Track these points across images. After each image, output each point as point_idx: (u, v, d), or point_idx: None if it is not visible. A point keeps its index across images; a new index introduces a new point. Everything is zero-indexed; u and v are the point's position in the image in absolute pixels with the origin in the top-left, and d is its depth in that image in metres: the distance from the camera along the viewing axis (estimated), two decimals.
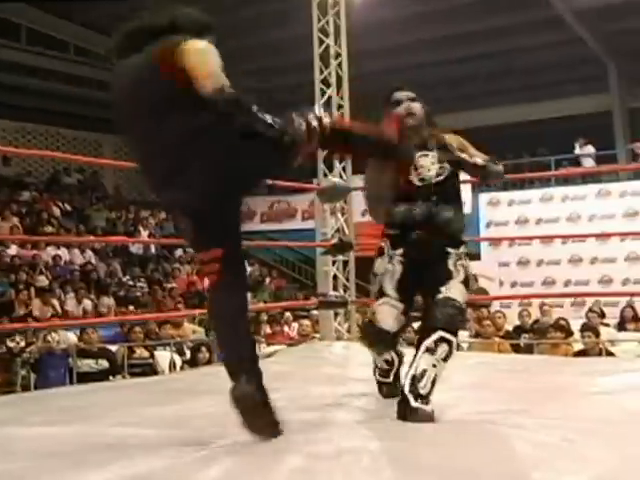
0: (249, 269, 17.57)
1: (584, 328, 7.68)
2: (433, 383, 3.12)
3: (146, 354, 8.30)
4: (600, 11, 15.88)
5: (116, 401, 3.96)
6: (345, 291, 6.35)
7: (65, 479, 2.30)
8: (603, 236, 14.74)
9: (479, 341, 8.17)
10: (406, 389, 3.10)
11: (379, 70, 18.19)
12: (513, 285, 15.74)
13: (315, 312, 8.47)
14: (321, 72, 6.71)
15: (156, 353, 8.43)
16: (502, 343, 7.91)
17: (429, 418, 3.03)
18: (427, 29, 16.47)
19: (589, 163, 17.01)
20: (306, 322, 9.40)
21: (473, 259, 15.94)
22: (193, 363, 8.07)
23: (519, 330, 9.20)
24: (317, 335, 7.79)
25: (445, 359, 3.16)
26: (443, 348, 3.15)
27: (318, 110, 2.71)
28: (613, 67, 17.99)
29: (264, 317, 11.12)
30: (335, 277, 6.51)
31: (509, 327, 9.17)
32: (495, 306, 11.59)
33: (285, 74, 17.78)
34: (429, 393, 3.10)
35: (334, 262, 6.53)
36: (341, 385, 4.11)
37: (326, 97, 6.63)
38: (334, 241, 6.14)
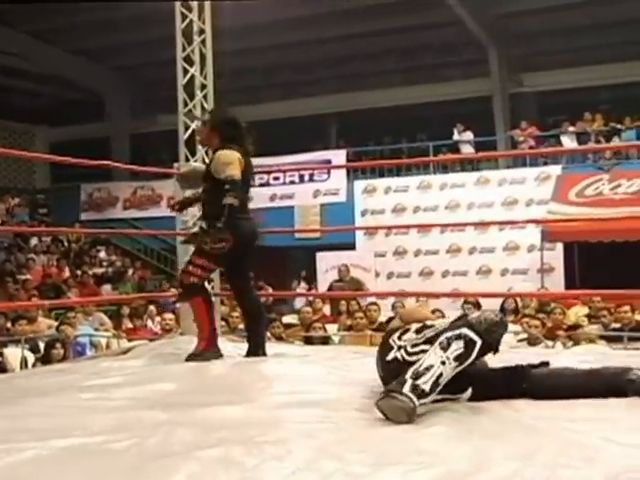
0: (111, 259, 17.30)
1: None
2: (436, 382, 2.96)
3: None
4: None
5: None
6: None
7: None
8: (482, 225, 15.23)
9: (350, 334, 8.34)
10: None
11: (252, 48, 18.22)
12: (389, 276, 16.08)
13: (179, 305, 8.44)
14: (184, 49, 6.68)
15: (6, 350, 8.26)
16: (374, 336, 8.06)
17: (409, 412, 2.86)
18: (303, 6, 16.54)
19: (468, 150, 17.47)
20: (169, 316, 9.32)
21: (348, 249, 16.01)
22: (46, 360, 7.91)
23: None
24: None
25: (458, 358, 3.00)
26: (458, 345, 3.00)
27: None
28: (494, 51, 18.53)
29: (126, 310, 10.99)
30: None
31: (383, 319, 9.35)
32: (370, 298, 11.78)
33: (150, 50, 17.50)
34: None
35: None
36: (192, 381, 4.15)
37: (189, 76, 6.61)
38: (195, 230, 6.13)
